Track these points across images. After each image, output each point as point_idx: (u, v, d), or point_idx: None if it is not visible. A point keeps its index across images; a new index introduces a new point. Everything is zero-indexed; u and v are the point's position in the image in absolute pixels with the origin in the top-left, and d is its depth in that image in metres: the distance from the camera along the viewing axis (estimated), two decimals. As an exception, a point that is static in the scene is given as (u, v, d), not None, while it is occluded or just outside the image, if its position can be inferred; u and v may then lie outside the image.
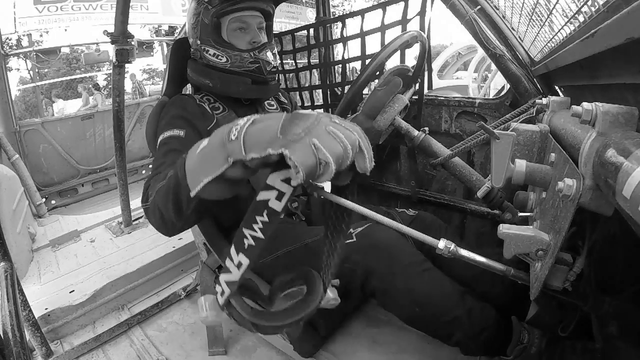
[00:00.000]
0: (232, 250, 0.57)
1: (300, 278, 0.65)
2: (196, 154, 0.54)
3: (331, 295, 0.67)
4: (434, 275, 0.91)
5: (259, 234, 0.52)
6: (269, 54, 1.06)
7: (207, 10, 1.00)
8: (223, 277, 0.59)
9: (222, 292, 0.59)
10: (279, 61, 1.11)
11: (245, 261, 0.55)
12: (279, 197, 0.50)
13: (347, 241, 0.95)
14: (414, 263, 0.90)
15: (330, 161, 0.44)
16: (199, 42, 1.05)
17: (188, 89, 1.31)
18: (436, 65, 6.27)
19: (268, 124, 0.47)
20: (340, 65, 1.49)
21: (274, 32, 1.15)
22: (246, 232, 0.53)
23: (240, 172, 0.51)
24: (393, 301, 0.91)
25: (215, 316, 0.64)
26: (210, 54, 1.04)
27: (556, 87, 0.94)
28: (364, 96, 1.40)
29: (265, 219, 0.52)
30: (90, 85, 7.09)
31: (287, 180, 0.48)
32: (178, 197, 0.63)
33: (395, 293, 0.89)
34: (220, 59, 1.04)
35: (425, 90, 1.28)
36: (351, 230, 0.97)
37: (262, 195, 0.52)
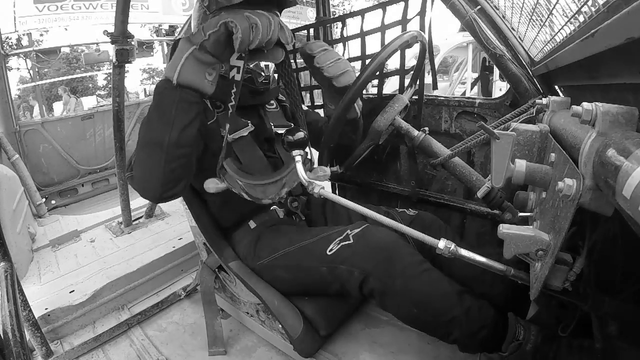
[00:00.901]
0: None
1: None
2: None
3: (317, 167, 0.93)
4: (432, 276, 0.91)
5: (234, 102, 0.88)
6: (262, 65, 1.06)
7: (206, 16, 1.00)
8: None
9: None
10: (272, 71, 1.13)
11: None
12: (239, 71, 0.86)
13: (344, 243, 0.95)
14: (412, 264, 0.90)
15: (259, 23, 0.75)
16: None
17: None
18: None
19: (216, 16, 0.78)
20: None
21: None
22: (228, 105, 0.88)
23: (206, 56, 0.77)
24: (391, 302, 0.91)
25: (216, 184, 0.93)
26: None
27: (556, 87, 0.94)
28: (364, 96, 1.40)
29: (234, 89, 0.87)
30: (67, 88, 7.13)
31: (240, 57, 0.84)
32: (162, 104, 0.80)
33: (393, 294, 0.89)
34: None
35: (429, 91, 1.28)
36: (348, 231, 0.98)
37: (230, 75, 0.88)
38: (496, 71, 4.86)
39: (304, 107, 1.43)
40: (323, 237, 1.00)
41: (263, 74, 1.09)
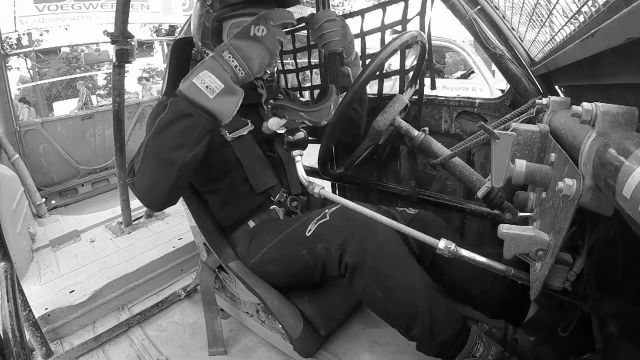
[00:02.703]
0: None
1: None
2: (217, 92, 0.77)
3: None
4: (406, 264, 0.89)
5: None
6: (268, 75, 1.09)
7: (209, 14, 1.00)
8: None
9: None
10: (277, 67, 1.14)
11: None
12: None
13: (321, 221, 0.94)
14: (387, 245, 0.88)
15: (274, 52, 0.80)
16: (200, 44, 1.06)
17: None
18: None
19: (251, 46, 0.78)
20: (340, 65, 1.49)
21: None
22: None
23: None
24: (359, 280, 0.88)
25: (276, 122, 1.01)
26: None
27: (556, 87, 0.94)
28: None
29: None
30: (20, 99, 7.14)
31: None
32: (181, 125, 0.79)
33: (362, 272, 0.87)
34: None
35: (429, 91, 1.28)
36: (326, 210, 0.96)
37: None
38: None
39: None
40: (303, 220, 0.99)
41: (267, 72, 1.10)
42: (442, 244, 0.68)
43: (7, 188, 1.75)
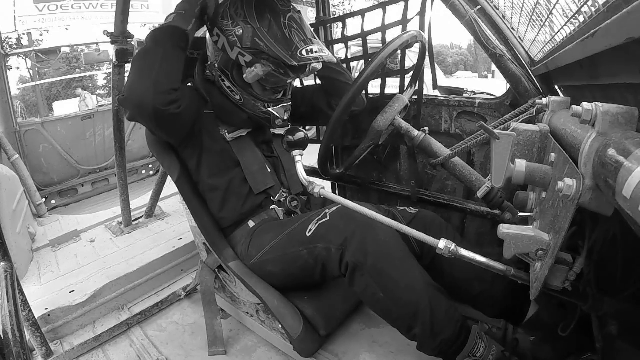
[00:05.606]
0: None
1: None
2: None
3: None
4: (406, 263, 0.88)
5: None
6: (282, 112, 1.09)
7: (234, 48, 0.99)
8: None
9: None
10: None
11: None
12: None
13: (322, 221, 0.94)
14: (387, 244, 0.88)
15: None
16: (216, 65, 1.06)
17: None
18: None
19: None
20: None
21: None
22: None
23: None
24: (360, 280, 0.88)
25: (262, 67, 1.00)
26: (225, 85, 1.06)
27: (556, 87, 0.94)
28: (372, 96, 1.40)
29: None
30: None
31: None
32: (159, 32, 0.97)
33: (362, 272, 0.87)
34: (234, 96, 1.06)
35: (431, 90, 1.28)
36: (326, 210, 0.96)
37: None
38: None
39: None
40: (303, 221, 0.99)
41: (280, 118, 1.10)
42: (442, 244, 0.68)
43: (7, 188, 1.75)
